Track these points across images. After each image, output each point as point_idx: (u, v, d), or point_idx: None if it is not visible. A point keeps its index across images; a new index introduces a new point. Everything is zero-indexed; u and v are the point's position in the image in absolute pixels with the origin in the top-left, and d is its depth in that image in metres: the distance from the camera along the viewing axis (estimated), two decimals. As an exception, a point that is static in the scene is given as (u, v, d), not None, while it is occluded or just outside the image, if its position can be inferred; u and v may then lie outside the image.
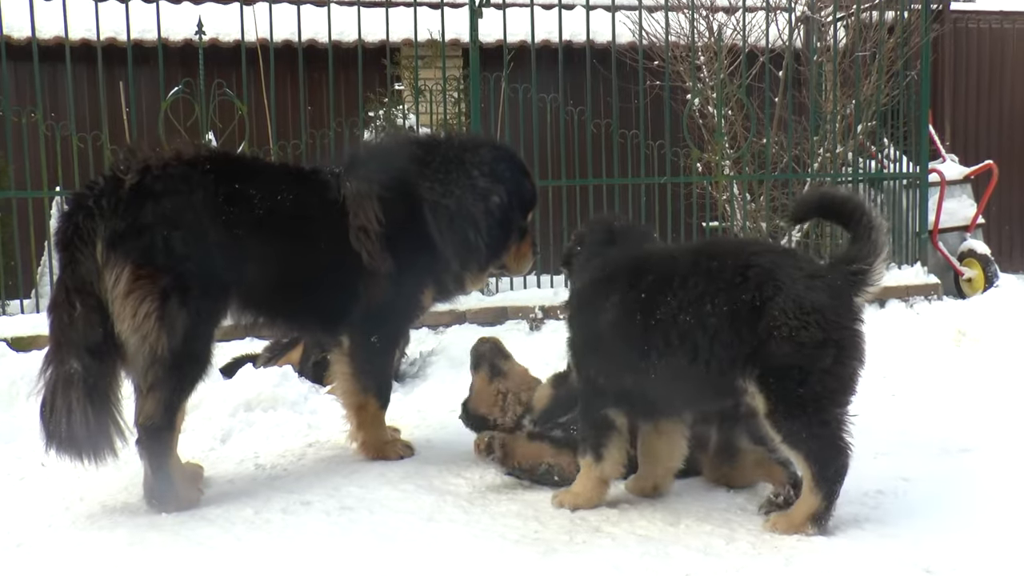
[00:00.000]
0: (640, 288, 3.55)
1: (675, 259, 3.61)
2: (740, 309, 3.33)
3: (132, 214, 3.78)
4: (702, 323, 3.37)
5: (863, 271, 3.36)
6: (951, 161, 10.50)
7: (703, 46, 9.88)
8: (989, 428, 4.84)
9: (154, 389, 3.81)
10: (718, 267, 3.42)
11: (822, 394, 3.30)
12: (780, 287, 3.30)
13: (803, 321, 3.26)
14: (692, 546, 3.35)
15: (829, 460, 3.32)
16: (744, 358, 3.34)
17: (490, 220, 4.49)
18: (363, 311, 4.41)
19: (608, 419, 3.70)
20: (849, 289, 3.35)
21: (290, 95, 9.54)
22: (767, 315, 3.29)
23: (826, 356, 3.28)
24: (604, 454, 3.72)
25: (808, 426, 3.30)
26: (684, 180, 9.18)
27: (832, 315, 3.29)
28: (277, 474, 4.40)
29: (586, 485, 3.78)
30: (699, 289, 3.40)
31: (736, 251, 3.52)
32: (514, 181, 4.60)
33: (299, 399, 5.52)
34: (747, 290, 3.33)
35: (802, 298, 3.28)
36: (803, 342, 3.26)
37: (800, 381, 3.28)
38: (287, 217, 4.19)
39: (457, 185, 4.46)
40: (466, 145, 4.64)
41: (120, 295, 3.73)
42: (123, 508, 3.92)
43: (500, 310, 7.94)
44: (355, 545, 3.42)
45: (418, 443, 4.78)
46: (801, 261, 3.46)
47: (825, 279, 3.34)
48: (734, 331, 3.33)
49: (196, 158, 4.08)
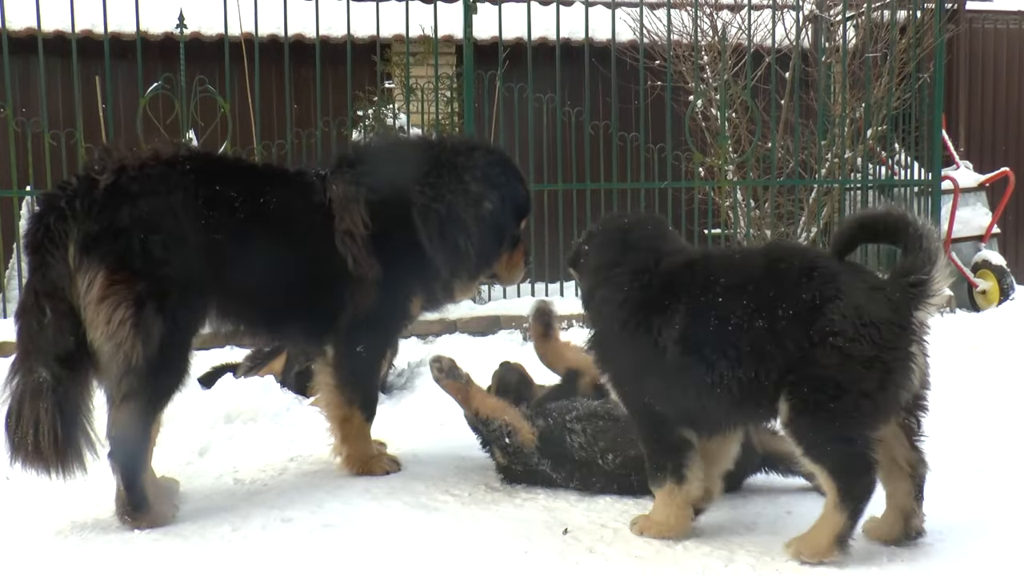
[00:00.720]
0: (709, 297, 3.43)
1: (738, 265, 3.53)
2: (800, 311, 3.25)
3: (107, 216, 3.78)
4: (771, 329, 3.28)
5: (922, 282, 3.25)
6: (965, 167, 10.55)
7: (707, 45, 9.92)
8: (1001, 447, 4.86)
9: (128, 399, 3.80)
10: (785, 269, 3.35)
11: (853, 414, 3.22)
12: (841, 292, 3.24)
13: (858, 333, 3.19)
14: (689, 568, 3.35)
15: (856, 475, 3.24)
16: (790, 362, 3.26)
17: (482, 227, 4.49)
18: (348, 319, 4.41)
19: (682, 438, 3.59)
20: (909, 303, 3.25)
21: (275, 92, 9.55)
22: (824, 318, 3.22)
23: (871, 377, 3.20)
24: (687, 475, 3.59)
25: (833, 440, 3.23)
26: (686, 185, 9.21)
27: (888, 332, 3.20)
28: (257, 489, 4.39)
29: (670, 512, 3.62)
30: (770, 293, 3.32)
31: (800, 254, 3.48)
32: (508, 187, 4.60)
33: (281, 411, 5.51)
34: (809, 290, 3.26)
35: (862, 308, 3.21)
36: (852, 356, 3.19)
37: (834, 396, 3.20)
38: (270, 221, 4.19)
39: (448, 190, 4.46)
40: (459, 148, 4.64)
41: (93, 301, 3.72)
42: (94, 524, 3.91)
43: (492, 319, 7.95)
44: (338, 565, 3.41)
45: (405, 458, 4.77)
46: (864, 273, 3.39)
47: (885, 291, 3.27)
48: (789, 335, 3.26)
49: (175, 158, 4.07)
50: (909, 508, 3.44)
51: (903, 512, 3.45)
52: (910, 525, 3.45)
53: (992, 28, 12.50)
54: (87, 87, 9.14)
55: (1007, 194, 10.22)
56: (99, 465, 3.89)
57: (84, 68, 8.53)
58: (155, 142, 4.33)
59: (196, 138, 8.26)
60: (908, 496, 3.44)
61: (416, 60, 9.13)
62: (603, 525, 3.79)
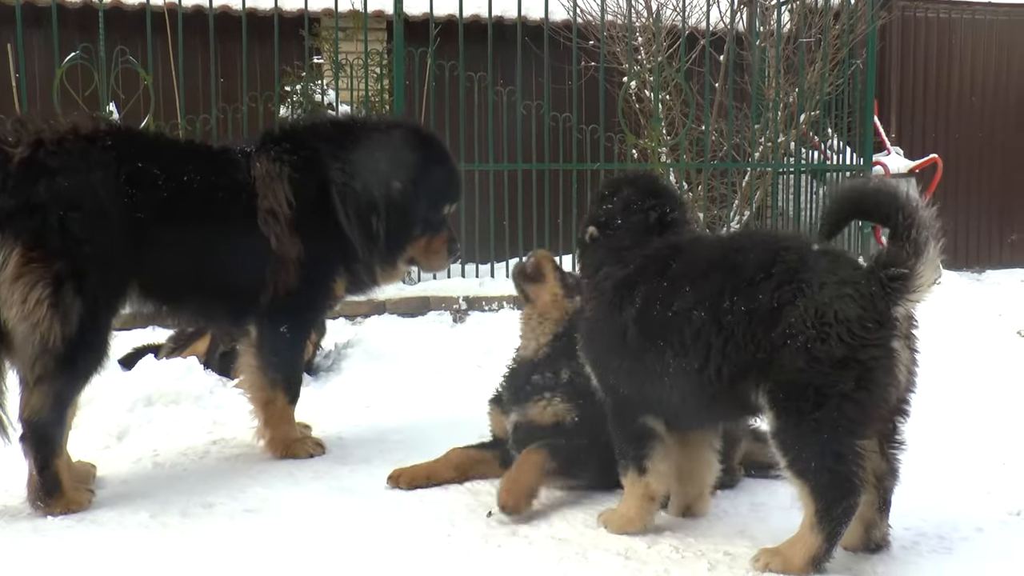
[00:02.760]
0: (666, 283, 3.38)
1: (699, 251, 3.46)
2: (758, 311, 3.14)
3: (23, 192, 3.71)
4: (717, 323, 3.20)
5: (903, 275, 3.07)
6: (896, 154, 10.83)
7: (641, 27, 9.98)
8: (925, 428, 4.99)
9: (42, 381, 3.75)
10: (741, 262, 3.24)
11: (839, 421, 3.07)
12: (802, 291, 3.10)
13: (823, 333, 3.06)
14: (612, 549, 3.42)
15: (837, 498, 3.08)
16: (757, 368, 3.16)
17: (390, 208, 4.47)
18: (271, 299, 4.40)
19: (646, 427, 3.53)
20: (884, 298, 3.07)
21: (200, 66, 9.42)
22: (783, 321, 3.11)
23: (847, 378, 3.06)
24: (647, 466, 3.52)
25: (819, 456, 3.08)
26: (619, 167, 9.26)
27: (859, 329, 3.05)
28: (177, 474, 4.37)
29: (631, 505, 3.57)
30: (718, 286, 3.23)
31: (765, 245, 3.31)
32: (422, 168, 4.55)
33: (204, 393, 5.48)
34: (766, 290, 3.14)
35: (826, 306, 3.06)
36: (819, 357, 3.06)
37: (816, 403, 3.07)
38: (193, 199, 4.17)
39: (364, 168, 4.45)
40: (379, 126, 4.65)
41: (8, 279, 3.67)
42: (2, 511, 3.86)
43: (422, 300, 7.96)
44: (258, 550, 3.42)
45: (330, 440, 4.78)
46: (838, 264, 3.19)
47: (857, 285, 3.08)
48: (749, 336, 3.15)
49: (95, 133, 4.02)
50: (871, 519, 3.33)
51: (864, 522, 3.32)
52: (870, 535, 3.35)
53: (924, 16, 12.77)
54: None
55: (935, 180, 10.49)
56: (10, 449, 3.84)
57: (-4, 36, 8.33)
58: (74, 115, 4.26)
59: (117, 111, 8.10)
60: (871, 507, 3.31)
61: (345, 35, 9.07)
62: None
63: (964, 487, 4.12)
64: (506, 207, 8.90)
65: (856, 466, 3.09)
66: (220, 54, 8.49)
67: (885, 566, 3.32)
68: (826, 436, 3.07)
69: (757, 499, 3.98)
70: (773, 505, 3.85)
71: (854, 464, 3.09)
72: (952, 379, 5.95)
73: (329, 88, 8.95)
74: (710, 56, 9.35)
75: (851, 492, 3.10)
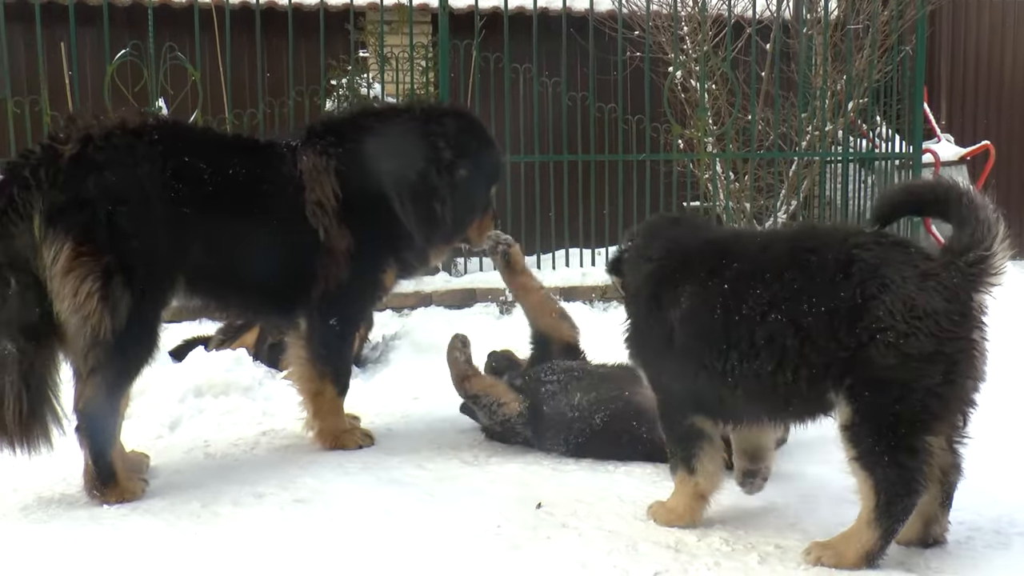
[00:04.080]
0: (719, 283, 3.31)
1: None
2: (839, 308, 3.06)
3: (73, 187, 3.76)
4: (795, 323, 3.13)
5: (982, 259, 3.01)
6: (946, 141, 10.63)
7: (687, 16, 9.89)
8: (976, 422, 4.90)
9: (95, 373, 3.80)
10: (818, 260, 3.16)
11: (920, 415, 3.02)
12: (886, 286, 3.04)
13: (912, 328, 2.99)
14: (662, 542, 3.38)
15: (901, 494, 3.03)
16: (839, 365, 3.09)
17: (456, 193, 4.55)
18: (321, 292, 4.42)
19: (695, 428, 3.51)
20: (968, 287, 3.02)
21: (247, 61, 9.46)
22: (869, 316, 3.03)
23: (934, 372, 3.00)
24: (696, 467, 3.51)
25: (893, 450, 3.03)
26: (664, 157, 9.20)
27: (947, 323, 2.98)
28: (228, 464, 4.40)
29: (680, 501, 3.57)
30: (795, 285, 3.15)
31: (839, 241, 3.22)
32: (480, 152, 4.67)
33: (253, 384, 5.52)
34: (847, 288, 3.07)
35: (912, 300, 3.00)
36: (910, 353, 2.99)
37: (899, 398, 3.01)
38: (240, 192, 4.19)
39: (422, 157, 4.49)
40: (430, 114, 4.67)
41: (59, 273, 3.71)
42: (60, 500, 3.91)
43: (468, 292, 7.96)
44: (309, 540, 3.43)
45: (378, 432, 4.79)
46: (915, 256, 3.11)
47: (939, 277, 3.01)
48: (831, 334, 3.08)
49: (142, 128, 4.05)
50: (931, 514, 3.27)
51: (924, 517, 3.26)
52: (929, 531, 3.29)
53: (975, 1, 12.53)
54: (52, 54, 9.02)
55: (987, 168, 10.29)
56: (67, 440, 3.89)
57: (48, 34, 8.43)
58: (123, 111, 4.30)
59: (166, 107, 8.18)
60: (933, 502, 3.24)
61: (391, 29, 9.07)
62: (577, 500, 3.82)
63: (1022, 481, 4.03)
64: (552, 199, 8.87)
65: (925, 463, 3.04)
66: (266, 49, 8.52)
67: (939, 561, 3.25)
68: (904, 431, 3.02)
69: (807, 491, 3.92)
70: (824, 497, 3.79)
71: (924, 461, 3.04)
72: (1009, 371, 5.85)
73: (375, 81, 8.96)
74: (756, 44, 9.24)
75: (915, 490, 3.05)
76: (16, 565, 3.24)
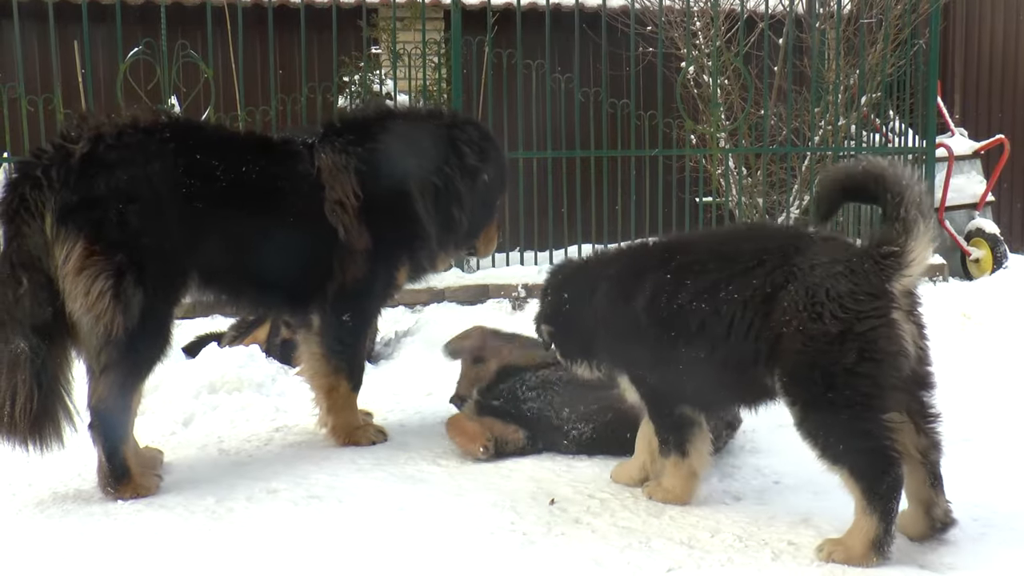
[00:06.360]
0: (670, 281, 3.48)
1: None
2: (754, 298, 3.22)
3: (84, 186, 3.77)
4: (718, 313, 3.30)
5: (895, 253, 3.09)
6: (960, 135, 10.54)
7: (699, 11, 9.86)
8: (992, 417, 4.88)
9: (108, 370, 3.81)
10: (734, 252, 3.34)
11: (853, 397, 3.08)
12: (794, 274, 3.16)
13: (815, 312, 3.10)
14: (676, 538, 3.38)
15: (878, 474, 3.07)
16: (764, 353, 3.22)
17: (476, 199, 4.66)
18: (337, 288, 4.42)
19: (684, 416, 3.68)
20: (878, 274, 3.09)
21: (259, 58, 9.46)
22: (779, 305, 3.16)
23: (847, 352, 3.07)
24: (689, 449, 3.69)
25: (848, 438, 3.10)
26: (677, 153, 9.19)
27: (852, 303, 3.07)
28: (242, 460, 4.41)
29: (675, 482, 3.73)
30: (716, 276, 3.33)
31: (759, 237, 3.45)
32: (498, 161, 4.81)
33: (266, 381, 5.52)
34: (760, 276, 3.22)
35: (816, 286, 3.11)
36: (815, 336, 3.09)
37: (826, 384, 3.09)
38: (253, 190, 4.18)
39: (447, 163, 4.58)
40: (455, 121, 4.79)
41: (71, 272, 3.72)
42: (75, 495, 3.92)
43: (481, 288, 7.95)
44: (323, 536, 3.43)
45: (391, 428, 4.79)
46: (833, 247, 3.23)
47: (849, 263, 3.13)
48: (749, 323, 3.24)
49: (154, 126, 4.06)
50: (928, 498, 3.29)
51: (923, 503, 3.30)
52: (933, 516, 3.30)
53: (989, -6, 12.44)
54: (65, 52, 9.04)
55: (1002, 162, 10.21)
56: (81, 436, 3.89)
57: (62, 32, 8.45)
58: (135, 109, 4.30)
59: (179, 104, 8.19)
60: (924, 485, 3.28)
61: (403, 25, 9.06)
62: (590, 496, 3.82)
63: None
64: (564, 195, 8.86)
65: (886, 439, 3.09)
66: (279, 46, 8.52)
67: (953, 557, 3.24)
68: (845, 416, 3.09)
69: (819, 488, 3.89)
70: (836, 493, 3.73)
71: (883, 438, 3.08)
72: (1023, 364, 5.84)
73: (387, 78, 8.96)
74: (769, 39, 9.20)
75: (890, 465, 3.08)
76: (32, 560, 3.25)
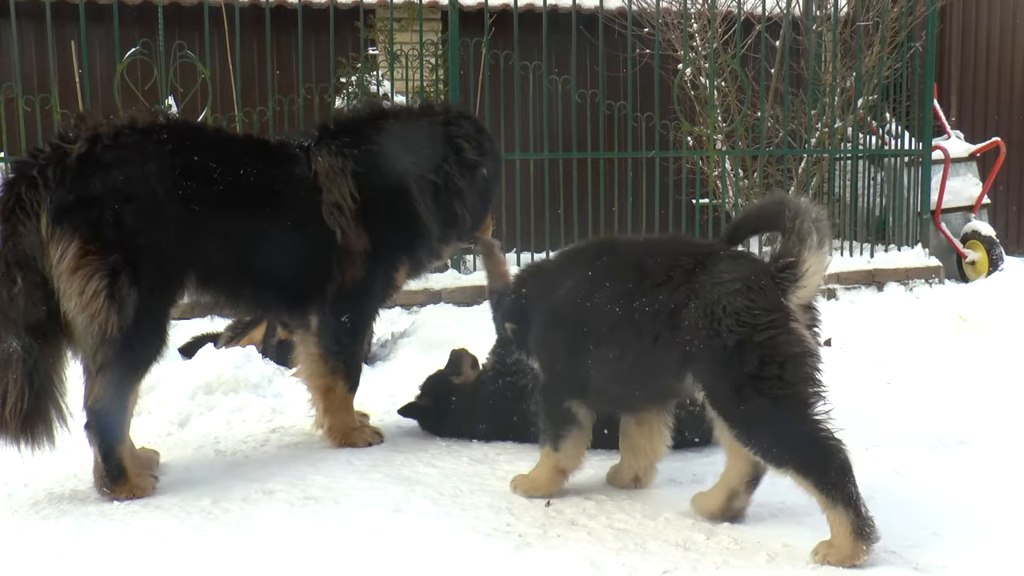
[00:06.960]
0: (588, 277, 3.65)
1: None
2: (661, 311, 3.36)
3: (80, 186, 3.77)
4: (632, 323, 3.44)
5: (790, 265, 3.23)
6: (956, 138, 10.56)
7: (696, 13, 9.86)
8: (988, 419, 4.89)
9: (104, 370, 3.80)
10: (650, 266, 3.47)
11: (768, 401, 3.18)
12: (696, 293, 3.30)
13: (712, 329, 3.23)
14: (671, 540, 3.38)
15: (821, 462, 3.15)
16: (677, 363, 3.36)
17: (476, 193, 4.69)
18: (335, 290, 4.43)
19: (569, 412, 3.76)
20: (774, 290, 3.23)
21: (257, 58, 9.46)
22: (682, 321, 3.31)
23: (749, 360, 3.18)
24: (561, 446, 3.78)
25: (778, 441, 3.21)
26: (674, 155, 9.18)
27: (748, 317, 3.19)
28: (238, 461, 4.40)
29: (541, 473, 3.85)
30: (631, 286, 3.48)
31: (675, 252, 3.53)
32: (495, 153, 4.83)
33: (262, 381, 5.52)
34: (665, 292, 3.37)
35: (715, 303, 3.24)
36: (715, 348, 3.22)
37: (736, 394, 3.21)
38: (250, 192, 4.18)
39: (445, 160, 4.59)
40: (448, 115, 4.76)
41: (66, 271, 3.72)
42: (71, 496, 3.92)
43: (478, 289, 7.92)
44: (318, 537, 3.43)
45: (388, 429, 4.79)
46: (736, 265, 3.35)
47: (747, 280, 3.25)
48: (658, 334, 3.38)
49: (151, 127, 4.06)
50: (736, 489, 3.52)
51: (730, 490, 3.52)
52: (732, 506, 3.53)
53: (985, -3, 12.45)
54: (63, 52, 9.03)
55: (997, 164, 10.23)
56: (77, 436, 3.89)
57: (59, 32, 8.43)
58: (133, 109, 4.30)
59: (176, 105, 8.18)
60: (741, 479, 3.50)
61: (400, 26, 9.06)
62: (586, 498, 3.82)
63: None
64: (561, 196, 8.85)
65: (818, 432, 3.17)
66: (276, 47, 8.51)
67: (948, 558, 3.24)
68: (768, 419, 3.18)
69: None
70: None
71: (814, 432, 3.17)
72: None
73: (384, 79, 8.95)
74: (766, 41, 9.20)
75: (830, 453, 3.15)
76: (27, 560, 3.24)
